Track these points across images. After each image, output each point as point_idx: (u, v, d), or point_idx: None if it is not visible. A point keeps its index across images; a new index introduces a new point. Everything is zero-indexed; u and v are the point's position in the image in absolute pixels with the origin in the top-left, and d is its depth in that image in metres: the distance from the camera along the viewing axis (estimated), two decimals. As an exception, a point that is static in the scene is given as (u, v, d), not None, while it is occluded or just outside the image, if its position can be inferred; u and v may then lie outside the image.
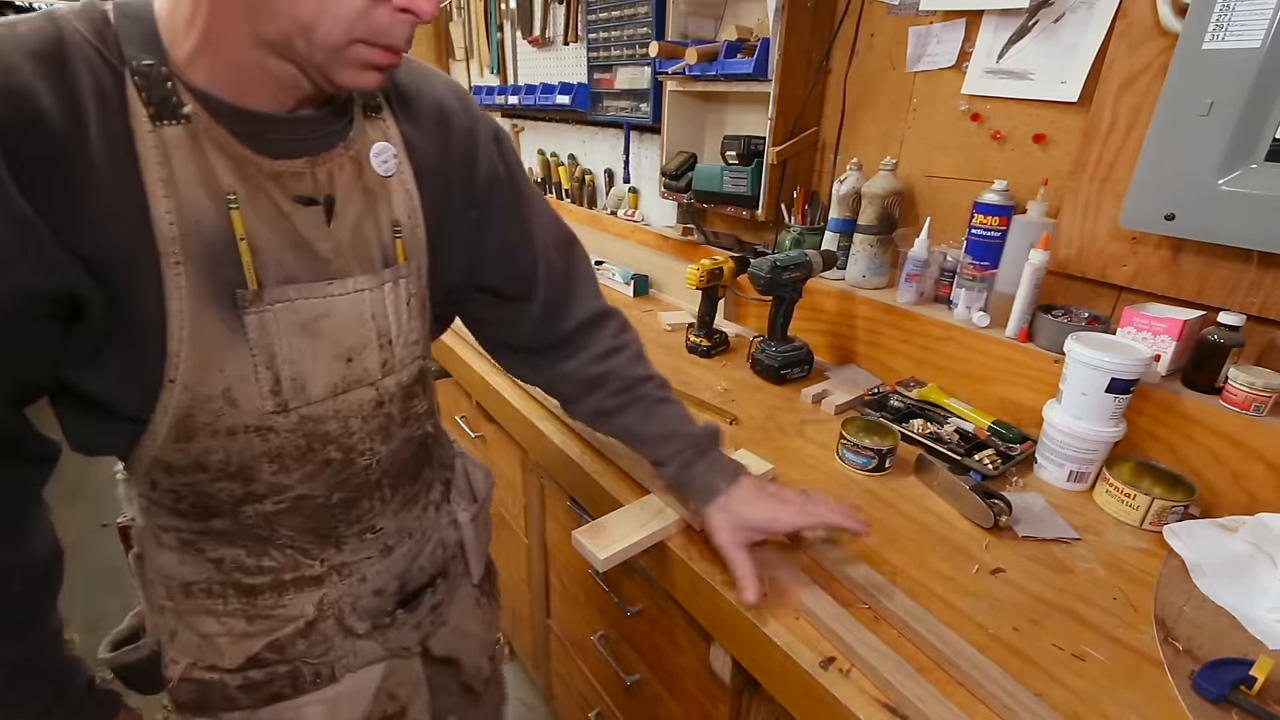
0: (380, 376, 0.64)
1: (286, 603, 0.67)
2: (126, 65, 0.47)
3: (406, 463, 0.71)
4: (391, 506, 0.71)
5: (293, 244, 0.55)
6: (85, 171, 0.46)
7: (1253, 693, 0.60)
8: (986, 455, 1.00)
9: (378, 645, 0.73)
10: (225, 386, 0.54)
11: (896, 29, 1.25)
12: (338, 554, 0.68)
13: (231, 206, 0.51)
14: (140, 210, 0.48)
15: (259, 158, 0.52)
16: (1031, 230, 1.06)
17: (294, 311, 0.56)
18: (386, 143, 0.61)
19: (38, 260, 0.45)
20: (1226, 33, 0.80)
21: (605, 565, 0.78)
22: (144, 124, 0.47)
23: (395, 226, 0.62)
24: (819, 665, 0.65)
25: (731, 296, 1.61)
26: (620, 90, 1.89)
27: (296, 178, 0.55)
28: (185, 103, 0.49)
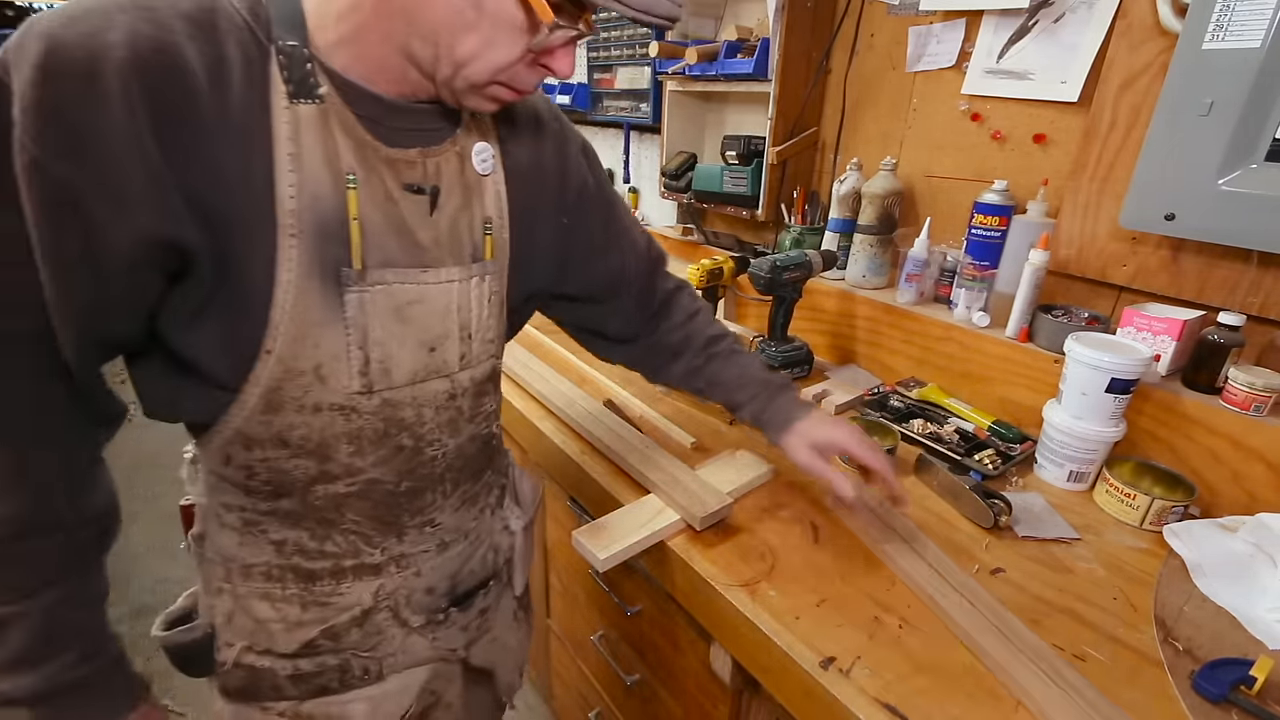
0: (457, 369, 0.65)
1: (344, 590, 0.67)
2: (273, 43, 0.49)
3: (470, 460, 0.72)
4: (451, 502, 0.71)
5: (396, 229, 0.57)
6: (221, 133, 0.48)
7: (1253, 693, 0.60)
8: (986, 455, 1.00)
9: (426, 644, 0.73)
10: (317, 363, 0.55)
11: (896, 29, 1.25)
12: (398, 544, 0.68)
13: (350, 186, 0.53)
14: (267, 180, 0.50)
15: (377, 143, 0.55)
16: (1031, 230, 1.06)
17: (390, 295, 0.57)
18: (486, 143, 0.64)
19: (160, 208, 0.46)
20: (1226, 33, 0.80)
21: (605, 565, 0.78)
22: (281, 99, 0.50)
23: (486, 223, 0.64)
24: (819, 665, 0.65)
25: (731, 296, 1.61)
26: (620, 90, 1.90)
27: (409, 166, 0.57)
28: (321, 84, 0.51)
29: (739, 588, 0.75)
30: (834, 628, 0.69)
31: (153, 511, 2.31)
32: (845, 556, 0.80)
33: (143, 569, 2.04)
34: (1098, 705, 0.58)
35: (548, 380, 1.21)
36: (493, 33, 0.50)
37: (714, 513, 0.83)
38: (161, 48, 0.44)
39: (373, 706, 0.71)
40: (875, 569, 0.78)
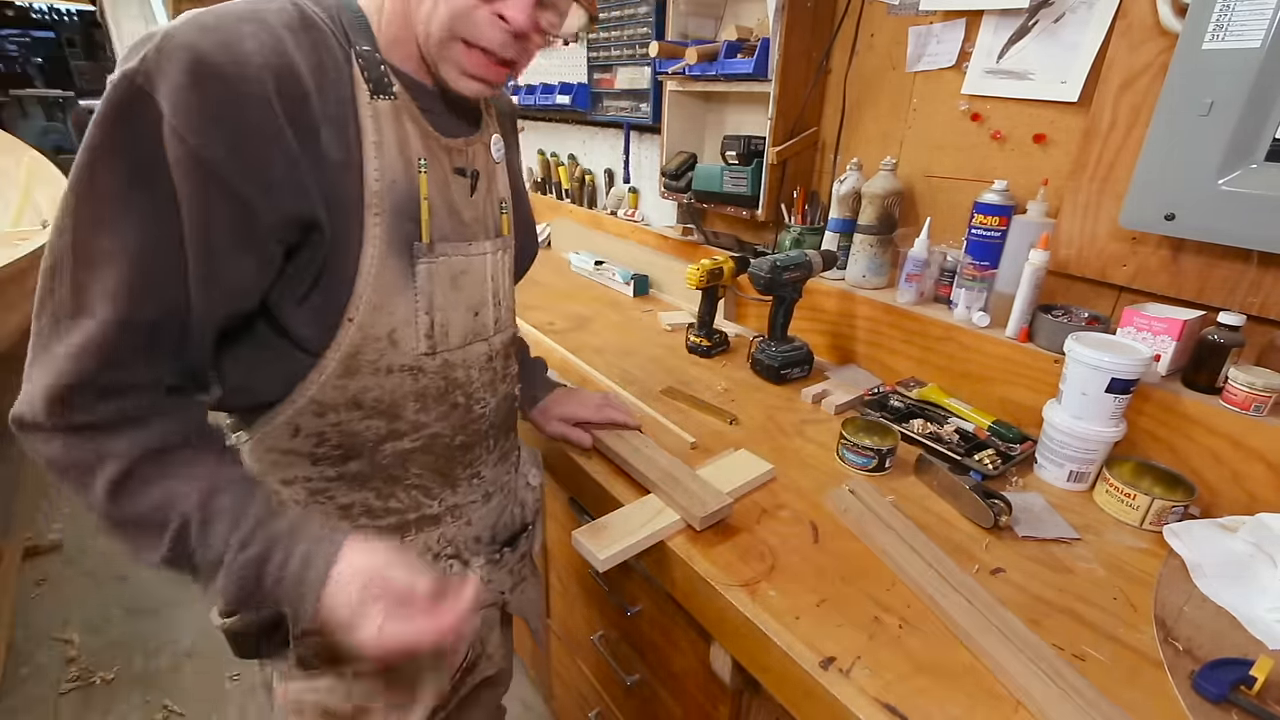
0: (493, 333, 0.74)
1: (409, 544, 0.73)
2: (353, 48, 0.57)
3: (505, 417, 0.80)
4: (493, 456, 0.80)
5: (449, 208, 0.66)
6: (326, 126, 0.55)
7: (1253, 693, 0.60)
8: (986, 455, 1.00)
9: (482, 585, 0.77)
10: (392, 328, 0.62)
11: (896, 29, 1.25)
12: (452, 495, 0.76)
13: (421, 170, 0.62)
14: (358, 167, 0.57)
15: (437, 133, 0.64)
16: (1031, 230, 1.06)
17: (449, 266, 0.66)
18: (498, 134, 0.74)
19: (299, 190, 0.53)
20: (1226, 33, 0.80)
21: (605, 565, 0.78)
22: (364, 96, 0.57)
23: (503, 204, 0.75)
24: (819, 665, 0.65)
25: (731, 296, 1.61)
26: (620, 90, 1.89)
27: (459, 153, 0.67)
28: (393, 82, 0.59)
29: (739, 588, 0.75)
30: (834, 628, 0.69)
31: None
32: (845, 556, 0.80)
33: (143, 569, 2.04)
34: (1098, 705, 0.58)
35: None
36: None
37: (714, 513, 0.83)
38: (281, 54, 0.51)
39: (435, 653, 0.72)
40: (875, 569, 0.78)
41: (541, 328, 1.53)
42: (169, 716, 1.58)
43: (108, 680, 1.67)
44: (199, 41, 0.48)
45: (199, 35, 0.48)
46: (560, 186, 2.38)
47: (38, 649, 1.76)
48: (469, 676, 0.86)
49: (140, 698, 1.63)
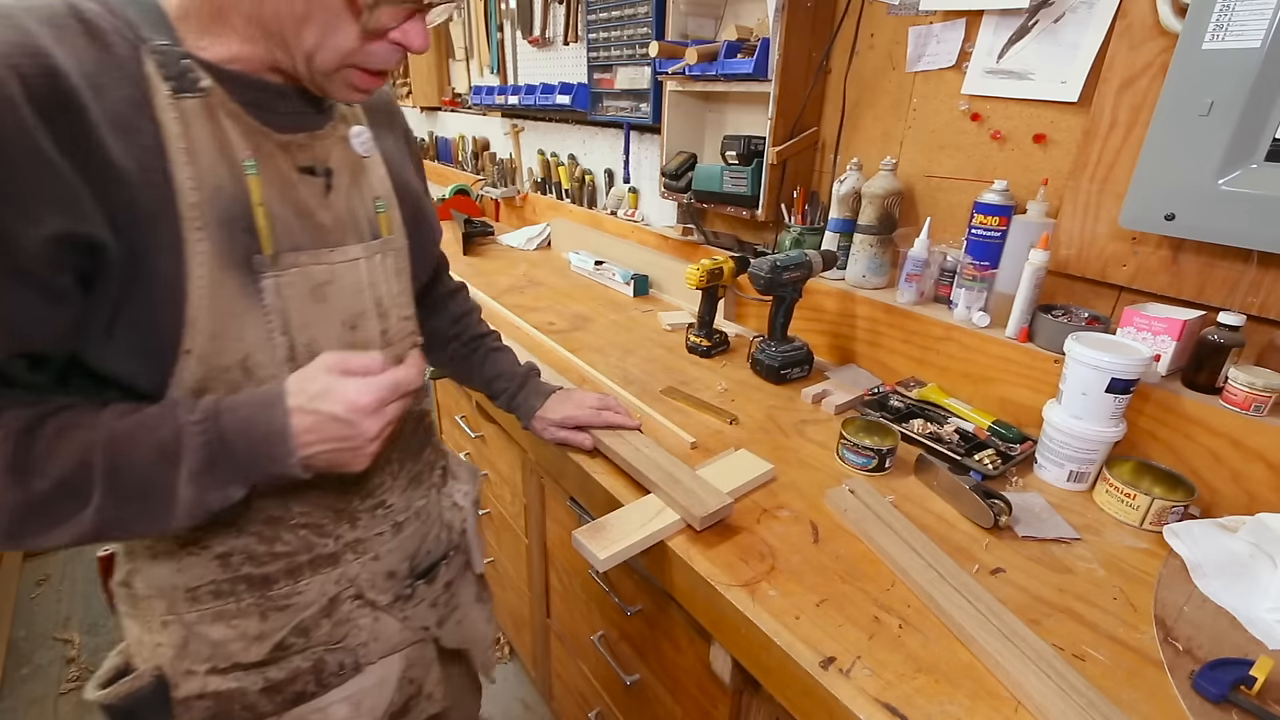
0: (380, 346, 0.67)
1: (303, 588, 0.66)
2: (143, 43, 0.50)
3: (409, 439, 0.75)
4: (399, 483, 0.74)
5: (298, 212, 0.59)
6: (112, 132, 0.47)
7: (1253, 693, 0.60)
8: (986, 455, 1.00)
9: (398, 625, 0.74)
10: (243, 355, 0.55)
11: (896, 29, 1.25)
12: (351, 530, 0.69)
13: (248, 173, 0.54)
14: (164, 176, 0.50)
15: (267, 129, 0.57)
16: (1031, 230, 1.06)
17: (305, 277, 0.59)
18: (362, 126, 0.67)
19: (69, 205, 0.46)
20: (1226, 33, 0.80)
21: (605, 565, 0.78)
22: (164, 96, 0.50)
23: (377, 201, 0.67)
24: (819, 665, 0.65)
25: (731, 296, 1.61)
26: (620, 90, 1.89)
27: (301, 149, 0.59)
28: (201, 77, 0.52)
29: (739, 588, 0.75)
30: (834, 628, 0.69)
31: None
32: (845, 556, 0.80)
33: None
34: (1097, 705, 0.58)
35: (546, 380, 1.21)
36: (326, 19, 0.51)
37: (714, 513, 0.83)
38: (34, 52, 0.44)
39: (353, 706, 0.71)
40: (875, 569, 0.78)
41: (541, 328, 1.53)
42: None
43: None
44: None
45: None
46: (560, 186, 2.38)
47: (38, 649, 1.76)
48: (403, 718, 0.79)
49: None
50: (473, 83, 2.79)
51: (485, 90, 2.55)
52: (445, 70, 3.07)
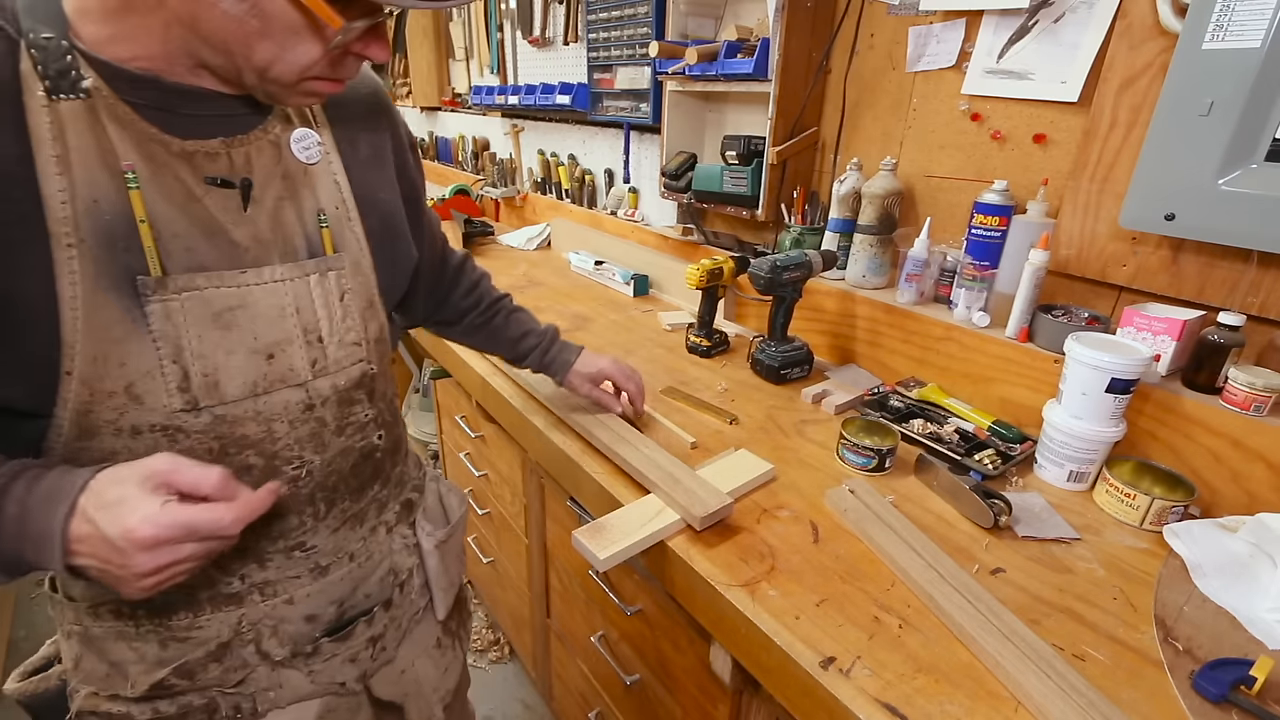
0: (310, 378, 0.60)
1: (203, 623, 0.61)
2: (23, 36, 0.45)
3: (346, 476, 0.66)
4: (326, 523, 0.66)
5: (204, 229, 0.53)
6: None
7: (1253, 693, 0.60)
8: (986, 455, 1.00)
9: (304, 678, 0.67)
10: (128, 382, 0.51)
11: (896, 29, 1.25)
12: (260, 571, 0.62)
13: (130, 186, 0.48)
14: (29, 187, 0.45)
15: (167, 136, 0.51)
16: (1031, 230, 1.06)
17: (204, 302, 0.53)
18: (308, 129, 0.60)
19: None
20: (1226, 33, 0.80)
21: (605, 565, 0.78)
22: (38, 98, 0.45)
23: (320, 215, 0.60)
24: (819, 665, 0.65)
25: (731, 296, 1.61)
26: (620, 90, 1.89)
27: (210, 158, 0.53)
28: (85, 76, 0.47)
29: (739, 588, 0.75)
30: (834, 628, 0.69)
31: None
32: (845, 556, 0.80)
33: (143, 569, 2.04)
34: (1097, 705, 0.58)
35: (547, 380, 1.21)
36: (285, 37, 0.47)
37: (714, 513, 0.83)
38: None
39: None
40: (875, 569, 0.78)
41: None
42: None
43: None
44: None
45: None
46: (560, 186, 2.38)
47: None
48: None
49: None
50: (473, 83, 2.79)
51: (485, 90, 2.55)
52: (445, 70, 3.07)
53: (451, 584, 0.86)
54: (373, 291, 0.66)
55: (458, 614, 0.91)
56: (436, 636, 0.85)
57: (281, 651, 0.65)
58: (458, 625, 0.91)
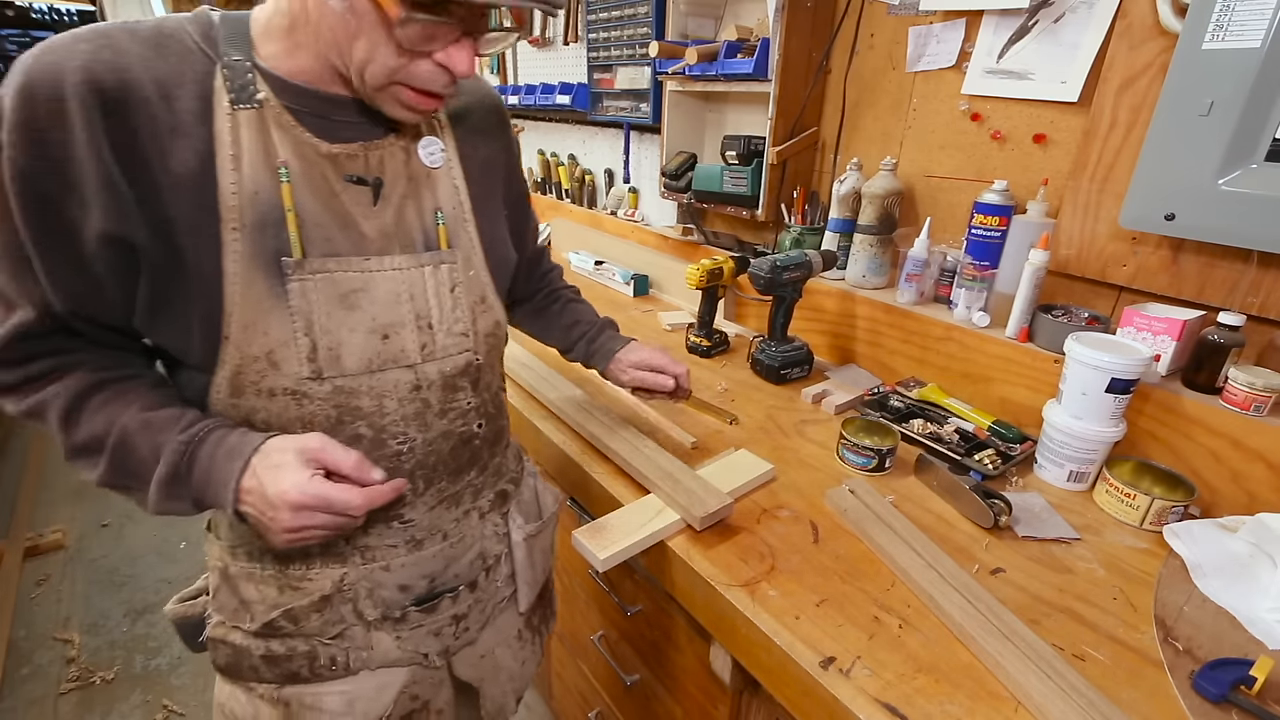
0: (419, 360, 0.66)
1: (313, 575, 0.69)
2: (219, 59, 0.56)
3: (445, 458, 0.71)
4: (424, 500, 0.71)
5: (340, 220, 0.61)
6: (172, 141, 0.54)
7: (1253, 693, 0.60)
8: (986, 455, 1.00)
9: (392, 643, 0.73)
10: (269, 349, 0.59)
11: (896, 29, 1.25)
12: (363, 535, 0.69)
13: (283, 180, 0.58)
14: (210, 180, 0.55)
15: (317, 139, 0.59)
16: (1031, 230, 1.06)
17: (333, 283, 0.61)
18: (434, 138, 0.68)
19: (113, 210, 0.53)
20: (1226, 33, 0.80)
21: (605, 565, 0.78)
22: (224, 108, 0.56)
23: (438, 214, 0.67)
24: (819, 665, 0.65)
25: (731, 296, 1.61)
26: (620, 90, 1.89)
27: (350, 159, 0.61)
28: (260, 90, 0.57)
29: (739, 588, 0.75)
30: (834, 628, 0.69)
31: (153, 511, 2.31)
32: (845, 556, 0.80)
33: (143, 570, 2.05)
34: (1097, 705, 0.58)
35: (548, 380, 1.22)
36: (371, 33, 0.53)
37: (714, 513, 0.83)
38: (114, 69, 0.51)
39: (347, 703, 0.72)
40: (875, 569, 0.78)
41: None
42: (169, 716, 1.58)
43: (108, 680, 1.67)
44: (31, 64, 0.50)
45: (34, 58, 0.51)
46: (560, 186, 2.38)
47: (38, 649, 1.76)
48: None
49: (140, 698, 1.63)
50: (473, 83, 2.79)
51: (485, 90, 2.54)
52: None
53: (536, 579, 0.88)
54: (485, 288, 0.72)
55: (540, 610, 0.93)
56: (518, 628, 0.88)
57: (374, 613, 0.71)
58: (540, 621, 0.93)
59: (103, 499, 2.38)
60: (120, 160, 0.52)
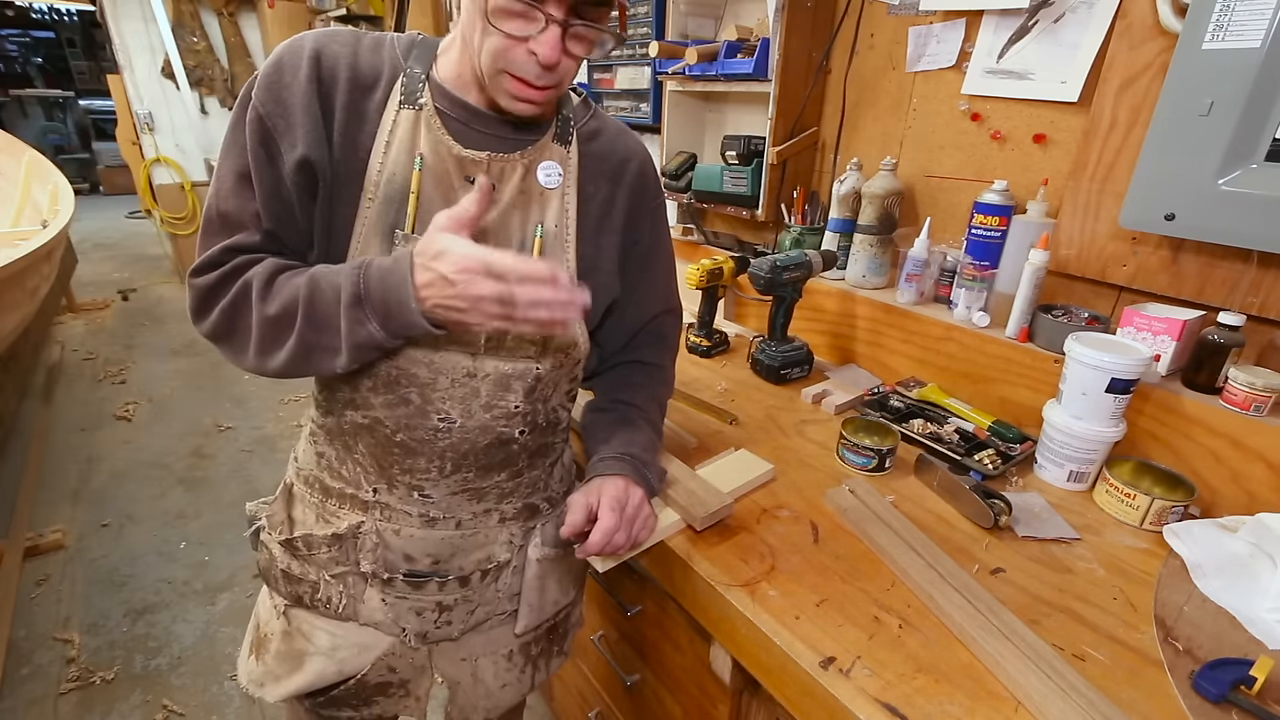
0: (481, 350, 0.71)
1: (341, 515, 0.76)
2: (403, 70, 0.69)
3: (478, 450, 0.74)
4: (447, 482, 0.75)
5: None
6: (354, 116, 0.67)
7: (1253, 693, 0.60)
8: (986, 455, 1.00)
9: (379, 604, 0.78)
10: None
11: (896, 29, 1.25)
12: (387, 493, 0.75)
13: (415, 168, 0.68)
14: (365, 157, 0.67)
15: (452, 142, 0.69)
16: (1031, 230, 1.06)
17: None
18: (554, 163, 0.74)
19: (315, 144, 0.65)
20: (1226, 33, 0.80)
21: (605, 565, 0.78)
22: (394, 106, 0.68)
23: (538, 228, 0.73)
24: (819, 665, 0.65)
25: (731, 296, 1.61)
26: (620, 90, 1.89)
27: (474, 164, 0.70)
28: (424, 96, 0.69)
29: (739, 588, 0.75)
30: (834, 628, 0.69)
31: (153, 513, 2.31)
32: (845, 556, 0.80)
33: (143, 570, 2.04)
34: (1097, 705, 0.58)
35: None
36: (480, 21, 0.62)
37: (714, 513, 0.83)
38: (332, 54, 0.67)
39: (333, 645, 0.79)
40: (875, 569, 0.78)
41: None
42: (169, 716, 1.58)
43: (108, 680, 1.67)
44: (285, 43, 0.67)
45: (289, 40, 0.67)
46: (560, 186, 2.37)
47: (38, 649, 1.76)
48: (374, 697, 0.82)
49: (140, 698, 1.63)
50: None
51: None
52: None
53: (543, 607, 0.85)
54: None
55: (545, 644, 0.90)
56: (511, 649, 0.87)
57: (369, 567, 0.77)
58: (539, 654, 0.90)
59: (103, 499, 2.38)
60: (325, 117, 0.66)
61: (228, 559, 2.09)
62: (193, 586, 1.97)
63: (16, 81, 8.51)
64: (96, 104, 8.25)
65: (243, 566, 2.05)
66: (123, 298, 4.48)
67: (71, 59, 8.90)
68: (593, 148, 0.78)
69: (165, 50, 3.91)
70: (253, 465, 2.61)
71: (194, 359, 3.56)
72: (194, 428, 2.87)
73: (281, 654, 0.80)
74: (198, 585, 1.98)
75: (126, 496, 2.41)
